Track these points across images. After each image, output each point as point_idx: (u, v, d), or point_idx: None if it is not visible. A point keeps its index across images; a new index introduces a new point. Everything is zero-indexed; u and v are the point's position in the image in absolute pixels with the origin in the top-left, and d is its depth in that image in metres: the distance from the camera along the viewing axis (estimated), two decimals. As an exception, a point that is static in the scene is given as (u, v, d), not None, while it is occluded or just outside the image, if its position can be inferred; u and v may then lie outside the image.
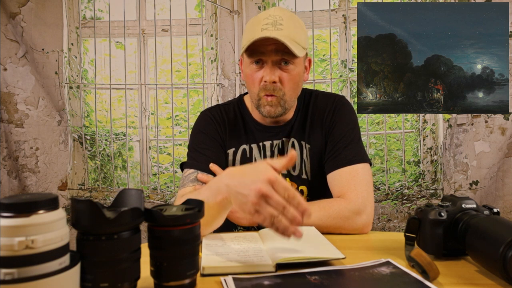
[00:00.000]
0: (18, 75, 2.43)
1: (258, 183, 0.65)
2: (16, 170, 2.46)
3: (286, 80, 1.05)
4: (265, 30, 1.00)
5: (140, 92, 2.55)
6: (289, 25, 1.02)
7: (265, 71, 1.04)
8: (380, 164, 2.38)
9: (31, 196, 0.49)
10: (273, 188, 0.66)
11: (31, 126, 2.45)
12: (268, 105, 1.07)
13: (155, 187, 2.51)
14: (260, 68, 1.06)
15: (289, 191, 0.66)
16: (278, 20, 1.02)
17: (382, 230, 2.31)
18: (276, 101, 1.06)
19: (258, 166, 0.72)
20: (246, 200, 0.67)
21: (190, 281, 0.60)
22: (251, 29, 1.05)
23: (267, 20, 1.02)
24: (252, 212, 0.67)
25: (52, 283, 0.46)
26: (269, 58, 1.03)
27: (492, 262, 0.62)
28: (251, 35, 1.02)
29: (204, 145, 1.13)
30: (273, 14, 1.03)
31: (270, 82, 1.04)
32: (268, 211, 0.65)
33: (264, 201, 0.65)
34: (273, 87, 1.05)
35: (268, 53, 1.02)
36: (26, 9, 2.42)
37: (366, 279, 0.65)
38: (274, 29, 1.00)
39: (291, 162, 0.72)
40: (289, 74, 1.05)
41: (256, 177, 0.67)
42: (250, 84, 1.09)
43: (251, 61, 1.06)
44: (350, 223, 0.97)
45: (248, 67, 1.08)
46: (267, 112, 1.08)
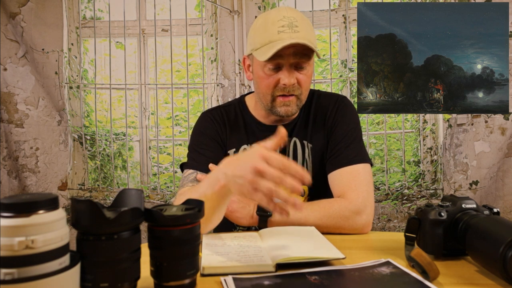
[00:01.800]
0: (18, 75, 2.43)
1: (251, 161, 0.66)
2: (16, 170, 2.46)
3: (303, 81, 1.06)
4: (283, 33, 1.00)
5: (140, 92, 2.55)
6: (304, 26, 1.02)
7: (283, 74, 1.04)
8: (380, 164, 2.38)
9: (31, 196, 0.49)
10: (267, 163, 0.66)
11: (31, 126, 2.45)
12: (284, 105, 1.07)
13: (155, 187, 2.51)
14: (276, 70, 1.05)
15: (283, 162, 0.66)
16: (294, 22, 1.01)
17: (382, 230, 2.31)
18: (294, 100, 1.07)
19: (251, 149, 0.72)
20: (243, 181, 0.67)
21: (190, 281, 0.60)
22: (265, 31, 1.03)
23: (282, 22, 1.01)
24: (251, 191, 0.67)
25: (52, 283, 0.46)
26: (287, 61, 1.03)
27: (492, 262, 0.62)
28: (268, 37, 1.01)
29: (203, 146, 1.14)
30: (287, 16, 1.02)
31: (290, 85, 1.04)
32: (266, 185, 0.65)
33: (260, 177, 0.66)
34: (292, 88, 1.05)
35: (287, 57, 1.02)
36: (26, 9, 2.42)
37: (366, 279, 0.65)
38: (291, 31, 1.00)
39: (282, 140, 0.72)
40: (305, 75, 1.06)
41: (249, 157, 0.68)
42: (263, 86, 1.08)
43: (270, 64, 1.04)
44: (350, 223, 0.97)
45: (262, 69, 1.06)
46: (285, 111, 1.08)
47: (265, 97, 1.09)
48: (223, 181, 0.73)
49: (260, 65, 1.06)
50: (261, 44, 1.03)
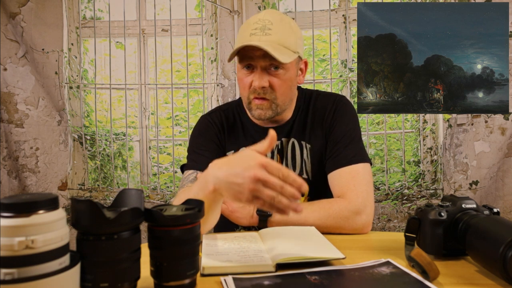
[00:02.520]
0: (18, 75, 2.43)
1: (251, 170, 0.66)
2: (16, 170, 2.46)
3: (277, 85, 1.06)
4: (253, 36, 1.02)
5: (140, 92, 2.55)
6: (278, 29, 1.03)
7: (255, 76, 1.06)
8: (380, 164, 2.38)
9: (31, 196, 0.49)
10: (267, 171, 0.66)
11: (31, 126, 2.45)
12: (258, 108, 1.08)
13: (155, 187, 2.51)
14: (250, 72, 1.07)
15: (282, 171, 0.67)
16: (267, 25, 1.03)
17: (382, 230, 2.31)
18: (268, 104, 1.08)
19: (244, 153, 0.72)
20: (242, 189, 0.67)
21: (190, 281, 0.60)
22: (241, 34, 1.07)
23: (256, 24, 1.03)
24: (250, 199, 0.67)
25: (52, 283, 0.46)
26: (258, 63, 1.04)
27: (492, 262, 0.62)
28: (241, 40, 1.05)
29: (202, 147, 1.15)
30: (263, 18, 1.04)
31: (259, 87, 1.05)
32: (267, 193, 0.66)
33: (261, 185, 0.66)
34: (263, 91, 1.06)
35: (257, 59, 1.04)
36: (26, 9, 2.42)
37: (366, 279, 0.65)
38: (262, 34, 1.02)
39: (272, 143, 0.72)
40: (279, 79, 1.06)
41: (247, 164, 0.68)
42: (241, 88, 1.12)
43: (242, 66, 1.08)
44: (350, 223, 0.97)
45: (239, 71, 1.10)
46: (258, 115, 1.09)
47: (244, 99, 1.12)
48: (213, 185, 0.72)
49: (238, 68, 1.10)
50: (235, 47, 1.05)
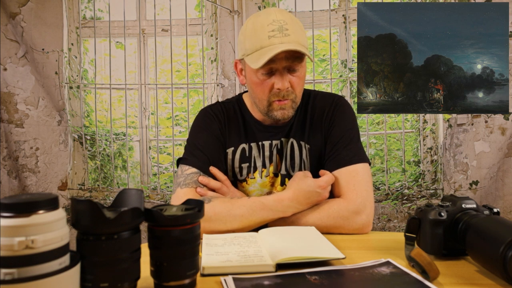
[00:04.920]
0: (18, 75, 2.43)
1: (320, 191, 0.99)
2: (16, 170, 2.46)
3: (296, 84, 1.06)
4: (273, 38, 1.00)
5: (140, 92, 2.55)
6: (294, 29, 1.02)
7: (277, 79, 1.04)
8: (380, 164, 2.38)
9: (31, 196, 0.49)
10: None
11: (31, 126, 2.45)
12: (281, 109, 1.07)
13: (155, 187, 2.51)
14: (269, 75, 1.05)
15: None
16: (284, 25, 1.01)
17: (382, 230, 2.31)
18: (289, 104, 1.07)
19: (305, 183, 1.00)
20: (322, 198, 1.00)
21: (190, 281, 0.60)
22: (255, 36, 1.03)
23: (272, 26, 1.01)
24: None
25: (52, 283, 0.46)
26: (280, 65, 1.02)
27: (492, 262, 0.62)
28: (258, 43, 1.01)
29: (205, 144, 1.12)
30: (277, 19, 1.02)
31: (284, 89, 1.04)
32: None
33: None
34: (286, 92, 1.05)
35: (279, 61, 1.01)
36: (26, 9, 2.42)
37: (366, 279, 0.65)
38: (281, 35, 1.00)
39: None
40: (298, 77, 1.06)
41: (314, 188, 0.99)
42: (258, 91, 1.08)
43: (264, 70, 1.04)
44: (350, 223, 0.97)
45: (255, 74, 1.06)
46: (281, 115, 1.08)
47: (261, 102, 1.09)
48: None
49: (253, 71, 1.06)
50: (252, 50, 1.03)
